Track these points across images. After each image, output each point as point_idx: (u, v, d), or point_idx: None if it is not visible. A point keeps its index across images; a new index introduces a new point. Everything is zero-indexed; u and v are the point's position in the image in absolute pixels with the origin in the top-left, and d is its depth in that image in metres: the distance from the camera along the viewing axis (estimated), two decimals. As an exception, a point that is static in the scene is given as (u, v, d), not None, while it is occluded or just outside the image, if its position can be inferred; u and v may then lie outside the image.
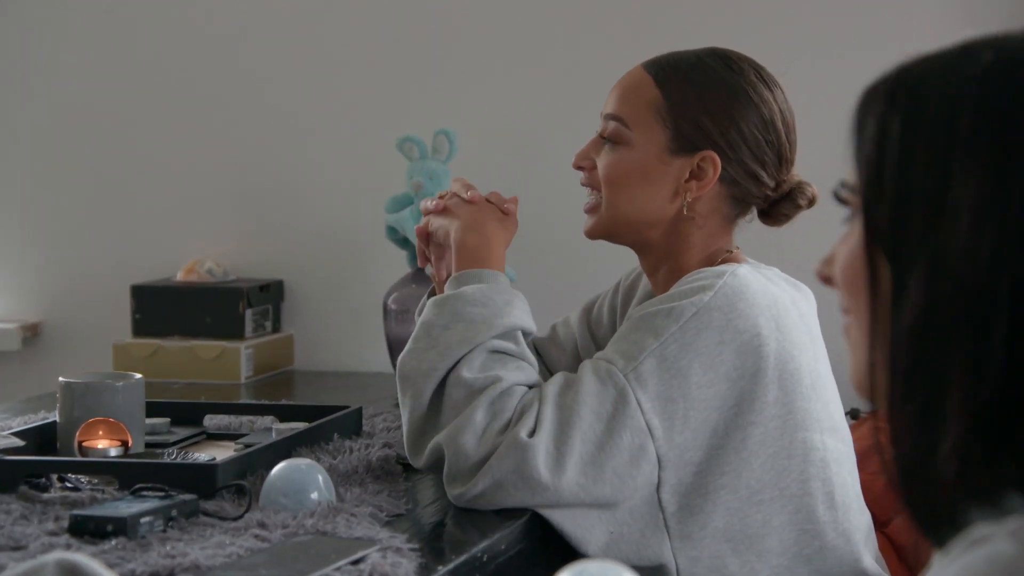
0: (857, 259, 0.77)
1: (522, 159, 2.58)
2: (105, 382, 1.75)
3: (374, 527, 1.40)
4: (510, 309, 1.62)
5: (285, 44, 2.69)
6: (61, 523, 1.39)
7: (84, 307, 2.77)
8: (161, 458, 1.67)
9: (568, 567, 0.91)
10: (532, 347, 1.84)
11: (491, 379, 1.54)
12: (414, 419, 1.57)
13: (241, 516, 1.41)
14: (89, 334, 2.75)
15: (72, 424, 1.69)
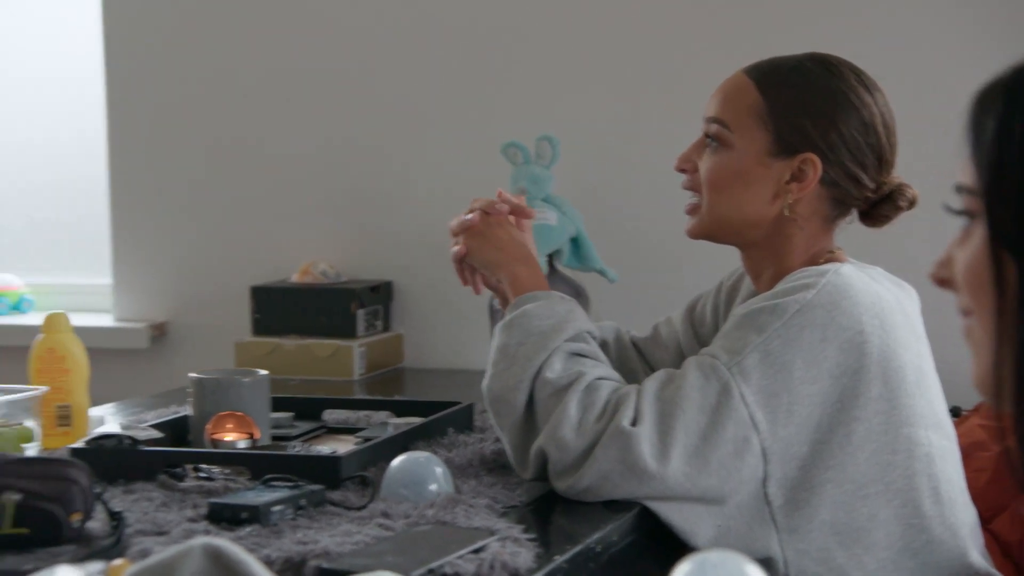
0: (981, 260, 0.76)
1: (622, 163, 2.58)
2: (233, 378, 1.79)
3: (491, 518, 1.41)
4: (573, 316, 1.64)
5: (393, 53, 2.71)
6: (199, 510, 1.42)
7: (207, 308, 2.81)
8: (287, 450, 1.70)
9: (690, 557, 0.91)
10: (631, 346, 1.86)
11: (575, 375, 1.55)
12: (513, 434, 1.58)
13: (365, 506, 1.44)
14: (212, 333, 2.79)
15: (203, 417, 1.72)
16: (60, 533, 1.30)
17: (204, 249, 2.84)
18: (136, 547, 1.29)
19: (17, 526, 1.29)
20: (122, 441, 1.62)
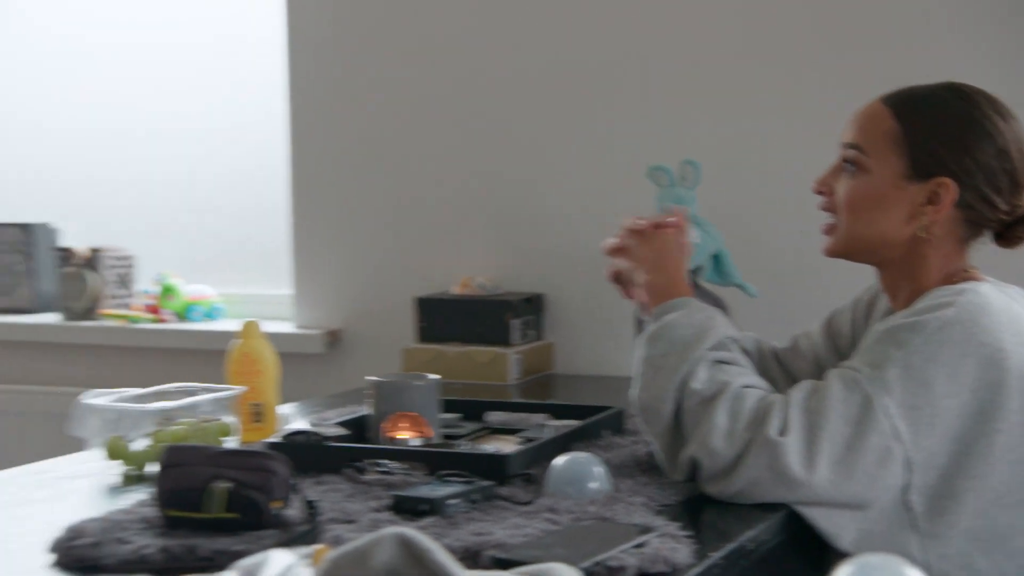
0: None
1: (761, 184, 2.55)
2: (407, 381, 1.81)
3: (648, 515, 1.40)
4: (712, 323, 1.61)
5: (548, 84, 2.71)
6: (382, 501, 1.44)
7: (377, 317, 2.85)
8: (457, 448, 1.71)
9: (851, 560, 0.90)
10: (771, 356, 1.83)
11: (721, 385, 1.53)
12: (663, 441, 1.57)
13: (532, 501, 1.44)
14: (381, 340, 2.82)
15: (380, 417, 1.74)
16: (263, 519, 1.32)
17: (374, 263, 2.87)
18: (329, 533, 1.31)
19: (227, 511, 1.31)
20: (312, 437, 1.65)
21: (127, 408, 1.72)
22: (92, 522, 1.33)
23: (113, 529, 1.31)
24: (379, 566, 1.07)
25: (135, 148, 3.23)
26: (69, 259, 3.05)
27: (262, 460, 1.36)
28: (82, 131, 3.28)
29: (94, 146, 3.27)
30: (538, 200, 2.74)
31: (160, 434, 1.68)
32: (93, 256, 3.03)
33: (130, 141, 3.23)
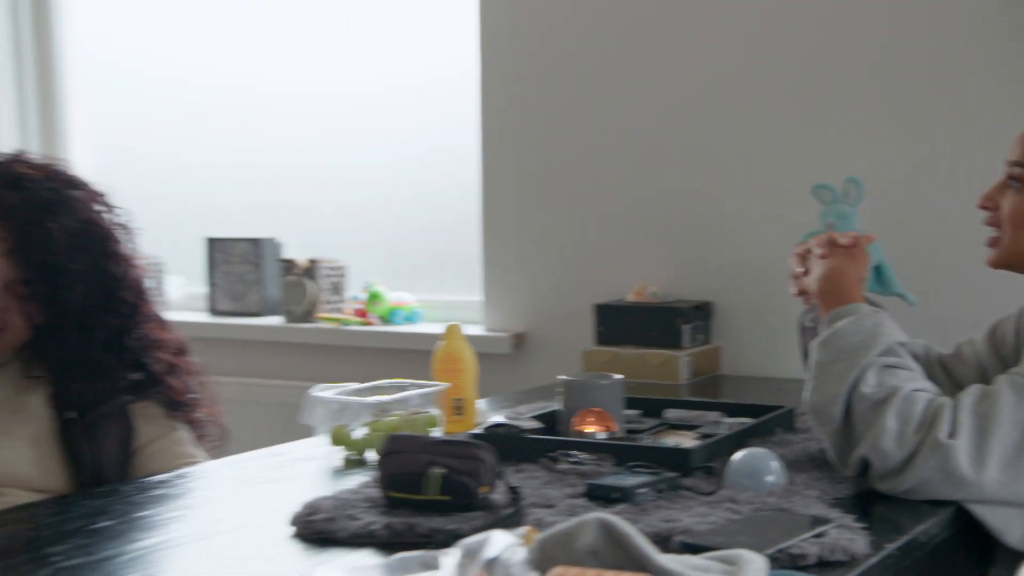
0: None
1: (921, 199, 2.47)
2: (594, 380, 1.81)
3: (823, 507, 1.38)
4: (880, 329, 1.56)
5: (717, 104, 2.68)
6: (576, 489, 1.45)
7: (558, 321, 2.86)
8: (640, 442, 1.71)
9: None
10: (937, 362, 1.78)
11: (890, 389, 1.48)
12: (834, 440, 1.54)
13: (714, 492, 1.43)
14: (562, 342, 2.83)
15: (570, 412, 1.75)
16: (472, 501, 1.35)
17: (556, 273, 2.89)
18: (531, 516, 1.33)
19: (441, 494, 1.34)
20: (511, 430, 1.67)
21: (349, 400, 1.77)
22: (325, 500, 1.38)
23: (343, 507, 1.35)
24: (583, 547, 1.08)
25: (347, 172, 3.30)
26: (291, 269, 3.12)
27: (472, 449, 1.38)
28: (302, 158, 3.36)
29: (312, 171, 3.35)
30: (707, 215, 2.72)
31: (376, 424, 1.72)
32: (311, 266, 3.11)
33: (343, 166, 3.31)
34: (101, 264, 1.69)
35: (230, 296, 3.25)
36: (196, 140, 3.50)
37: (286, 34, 3.39)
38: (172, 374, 1.81)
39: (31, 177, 1.66)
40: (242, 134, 3.45)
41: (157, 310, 1.81)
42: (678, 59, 2.72)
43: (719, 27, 2.68)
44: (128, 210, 1.75)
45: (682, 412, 1.95)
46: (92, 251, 1.67)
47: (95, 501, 1.46)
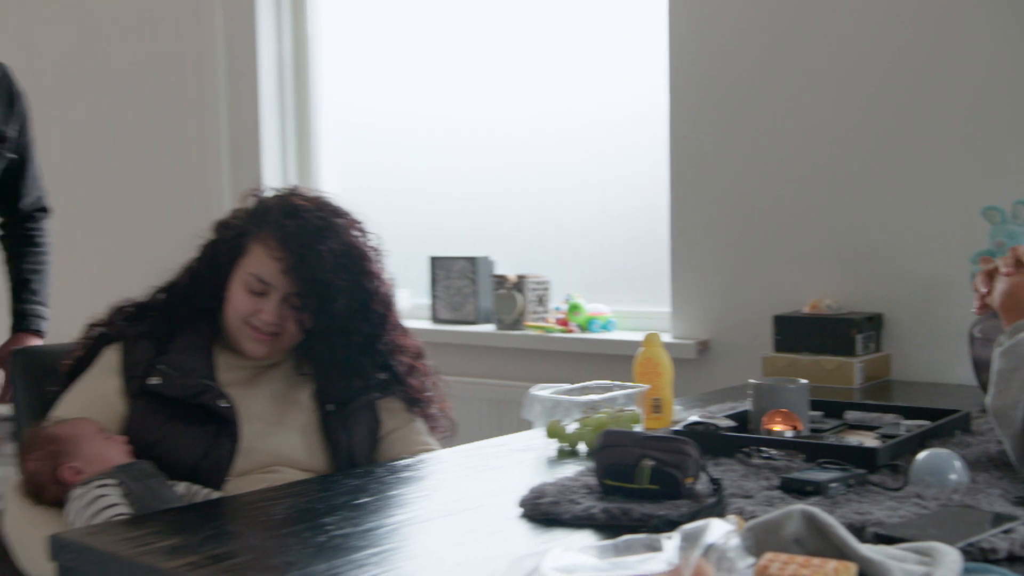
0: None
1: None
2: (782, 384, 1.77)
3: (1007, 505, 1.30)
4: None
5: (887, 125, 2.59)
6: (771, 482, 1.41)
7: (740, 329, 2.81)
8: (831, 440, 1.66)
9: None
10: None
11: None
12: (1015, 442, 1.45)
13: (900, 488, 1.38)
14: (742, 349, 2.78)
15: (759, 412, 1.72)
16: (679, 491, 1.34)
17: (738, 286, 2.84)
18: (732, 506, 1.31)
19: (651, 483, 1.34)
20: (708, 427, 1.65)
21: (563, 398, 1.79)
22: (549, 485, 1.39)
23: (565, 492, 1.36)
24: (788, 535, 1.06)
25: (551, 197, 3.33)
26: (503, 283, 3.17)
27: (679, 444, 1.37)
28: (512, 186, 3.41)
29: (521, 197, 3.39)
30: (878, 234, 2.63)
31: (586, 419, 1.73)
32: (520, 281, 3.15)
33: (548, 192, 3.34)
34: (359, 280, 1.75)
35: (450, 307, 3.32)
36: (421, 173, 3.60)
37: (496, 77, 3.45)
38: (412, 375, 1.86)
39: (305, 208, 1.74)
40: (460, 167, 3.53)
41: (401, 320, 1.87)
42: (851, 87, 2.64)
43: (890, 55, 2.58)
44: (379, 235, 1.81)
45: (861, 414, 1.89)
46: (352, 269, 1.74)
47: (355, 480, 1.51)
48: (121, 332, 1.77)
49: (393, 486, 1.49)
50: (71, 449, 1.60)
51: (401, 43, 3.66)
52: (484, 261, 3.29)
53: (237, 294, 1.73)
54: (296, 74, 3.78)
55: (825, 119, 2.69)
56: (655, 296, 3.09)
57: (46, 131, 2.51)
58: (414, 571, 1.14)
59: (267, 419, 1.74)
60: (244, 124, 3.78)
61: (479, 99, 3.49)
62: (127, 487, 1.54)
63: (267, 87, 3.74)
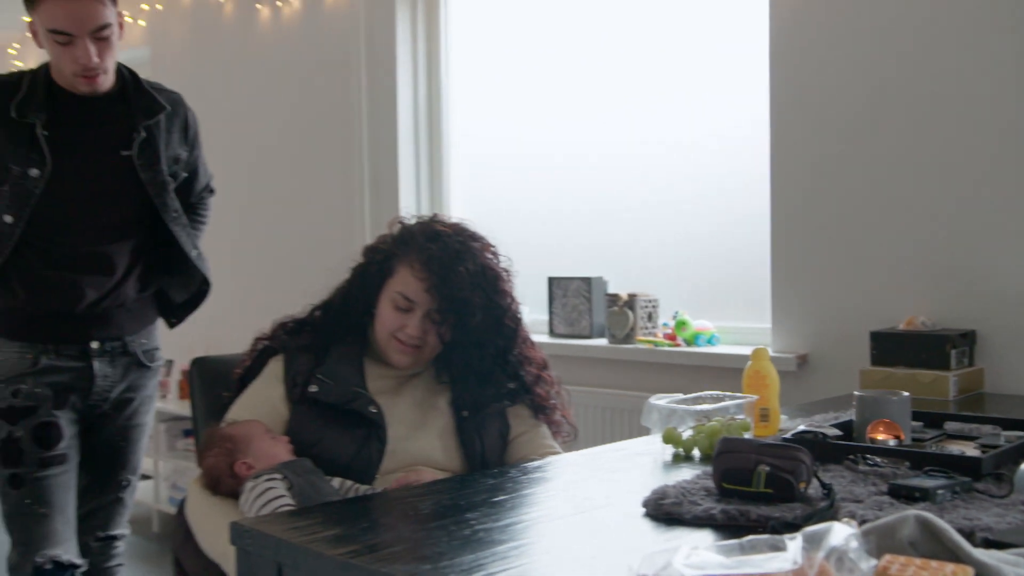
0: None
1: None
2: (885, 396, 1.72)
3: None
4: None
5: (978, 151, 2.50)
6: (879, 487, 1.37)
7: (837, 344, 2.74)
8: (935, 449, 1.60)
9: None
10: None
11: None
12: None
13: (1006, 496, 1.32)
14: (840, 362, 2.71)
15: (864, 422, 1.67)
16: (793, 495, 1.31)
17: (836, 303, 2.77)
18: (844, 510, 1.26)
19: (766, 487, 1.31)
20: (817, 436, 1.61)
21: (678, 407, 1.76)
22: (670, 487, 1.37)
23: (686, 493, 1.34)
24: (904, 539, 1.03)
25: (658, 221, 3.31)
26: (615, 301, 3.16)
27: (792, 451, 1.34)
28: (623, 212, 3.40)
29: (630, 222, 3.38)
30: (972, 252, 2.53)
31: (700, 427, 1.71)
32: (630, 299, 3.13)
33: (654, 216, 3.32)
34: (492, 298, 1.76)
35: (566, 322, 3.32)
36: (538, 199, 3.62)
37: (604, 107, 3.44)
38: (538, 384, 1.86)
39: (445, 233, 1.76)
40: (573, 193, 3.53)
41: (529, 334, 1.88)
42: (949, 108, 2.55)
43: (986, 78, 2.49)
44: (509, 257, 1.82)
45: (960, 425, 1.82)
46: (487, 288, 1.75)
47: (491, 480, 1.52)
48: (284, 345, 1.82)
49: (526, 485, 1.49)
50: (244, 447, 1.65)
51: (517, 81, 3.70)
52: (598, 281, 3.28)
53: (385, 311, 1.76)
54: (429, 116, 3.85)
55: (922, 140, 2.60)
56: (756, 313, 3.03)
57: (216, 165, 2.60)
58: (551, 564, 1.14)
59: (410, 423, 1.77)
60: (383, 160, 3.87)
61: (587, 133, 3.48)
62: (291, 481, 1.58)
63: (404, 128, 3.82)
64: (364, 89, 3.89)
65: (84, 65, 2.05)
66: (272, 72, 4.33)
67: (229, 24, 4.51)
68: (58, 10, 2.00)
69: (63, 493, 2.18)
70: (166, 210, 2.21)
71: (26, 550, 2.14)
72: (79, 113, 2.13)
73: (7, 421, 2.14)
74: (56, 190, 2.09)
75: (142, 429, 2.35)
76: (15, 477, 2.14)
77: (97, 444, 2.29)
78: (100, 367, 2.20)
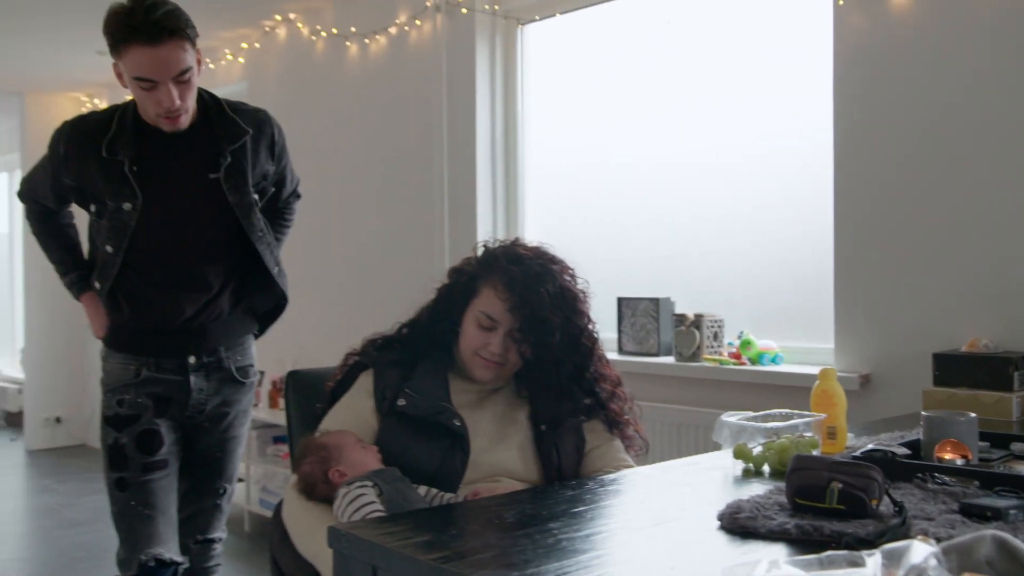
0: None
1: None
2: (953, 417, 1.67)
3: None
4: None
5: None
6: (949, 506, 1.33)
7: (900, 364, 2.68)
8: (996, 470, 1.55)
9: None
10: None
11: None
12: None
13: (1080, 517, 1.27)
14: (903, 383, 2.64)
15: (931, 442, 1.63)
16: (865, 511, 1.28)
17: (898, 325, 2.71)
18: (916, 527, 1.23)
19: (839, 504, 1.28)
20: (886, 454, 1.57)
21: (748, 424, 1.74)
22: (744, 502, 1.35)
23: (760, 508, 1.32)
24: (981, 557, 1.00)
25: (723, 244, 3.28)
26: (682, 321, 3.13)
27: (864, 469, 1.31)
28: (690, 236, 3.38)
29: (696, 245, 3.36)
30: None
31: (770, 444, 1.68)
32: (697, 319, 3.10)
33: (719, 239, 3.30)
34: (571, 318, 1.76)
35: (634, 340, 3.30)
36: (607, 222, 3.62)
37: (671, 135, 3.43)
38: (613, 400, 1.86)
39: (527, 256, 1.77)
40: (642, 217, 3.52)
41: (604, 352, 1.87)
42: (1014, 135, 2.48)
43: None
44: (586, 279, 1.82)
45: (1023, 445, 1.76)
46: (565, 309, 1.76)
47: (570, 491, 1.52)
48: (373, 361, 1.85)
49: (604, 497, 1.49)
50: (337, 456, 1.67)
51: (587, 109, 3.71)
52: (666, 302, 3.26)
53: (469, 329, 1.78)
54: (506, 145, 3.88)
55: (987, 162, 2.53)
56: (818, 333, 2.98)
57: (308, 191, 2.64)
58: (633, 574, 1.13)
59: (491, 436, 1.77)
60: (462, 187, 3.90)
61: (655, 160, 3.47)
62: (381, 488, 1.60)
63: (482, 156, 3.85)
64: (445, 120, 3.94)
65: (168, 108, 2.08)
66: (359, 104, 4.41)
67: (320, 60, 4.62)
68: (143, 59, 2.01)
69: (165, 496, 2.23)
70: (252, 230, 2.24)
71: (132, 548, 2.20)
72: (165, 146, 2.17)
73: (113, 428, 2.20)
74: (149, 219, 2.15)
75: (238, 440, 2.40)
76: (121, 480, 2.20)
77: (196, 454, 2.34)
78: (196, 381, 2.25)
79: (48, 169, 2.22)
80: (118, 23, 2.01)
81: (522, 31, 3.82)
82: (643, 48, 3.48)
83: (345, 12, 4.42)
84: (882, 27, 2.71)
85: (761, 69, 3.18)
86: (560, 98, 3.79)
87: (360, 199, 4.42)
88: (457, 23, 3.89)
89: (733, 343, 3.10)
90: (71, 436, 6.90)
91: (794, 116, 3.08)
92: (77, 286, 2.28)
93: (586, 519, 1.34)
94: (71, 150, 2.15)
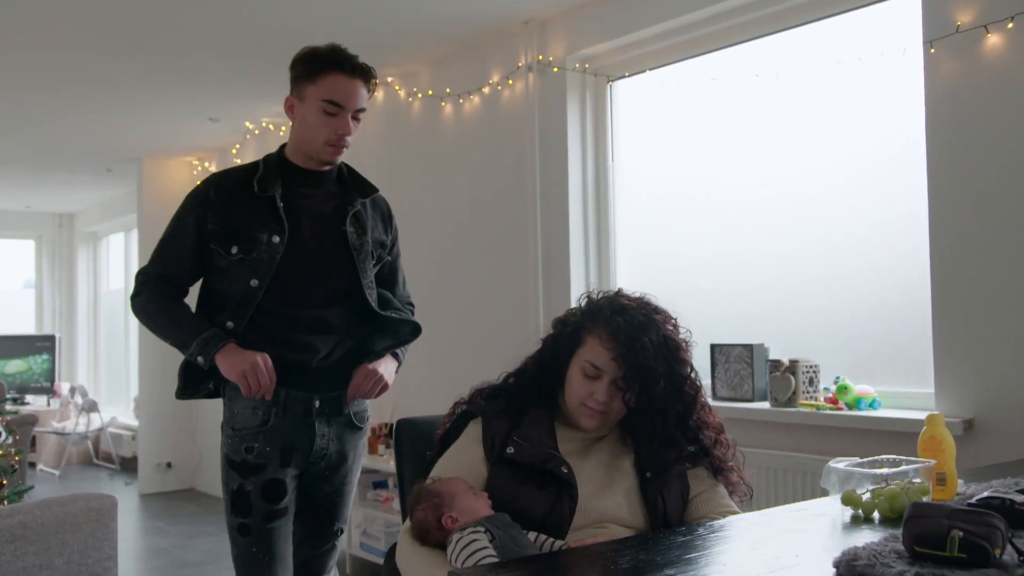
0: None
1: None
2: (1071, 463, 1.61)
3: None
4: None
5: None
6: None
7: (1005, 409, 2.58)
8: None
9: None
10: None
11: None
12: None
13: None
14: (1009, 427, 2.54)
15: (1049, 489, 1.56)
16: (988, 560, 1.23)
17: (1002, 369, 2.61)
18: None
19: (959, 552, 1.24)
20: (1004, 501, 1.51)
21: (857, 470, 1.70)
22: (861, 549, 1.32)
23: (877, 556, 1.29)
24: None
25: (817, 290, 3.23)
26: (777, 367, 3.09)
27: (986, 517, 1.27)
28: (784, 283, 3.34)
29: (790, 292, 3.31)
30: None
31: (879, 490, 1.64)
32: (792, 365, 3.05)
33: (814, 285, 3.24)
34: (674, 367, 1.76)
35: (728, 386, 3.26)
36: (700, 271, 3.60)
37: (762, 184, 3.40)
38: (716, 447, 1.84)
39: (630, 307, 1.79)
40: (734, 265, 3.49)
41: (706, 400, 1.86)
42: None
43: None
44: (689, 329, 1.82)
45: None
46: (669, 358, 1.76)
47: (681, 538, 1.50)
48: (482, 410, 1.87)
49: (714, 544, 1.47)
50: (449, 502, 1.69)
51: (676, 162, 3.71)
52: (760, 348, 3.22)
53: (574, 378, 1.79)
54: (597, 198, 3.91)
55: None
56: (916, 377, 2.89)
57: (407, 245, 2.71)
58: (754, 620, 1.11)
59: (598, 483, 1.77)
60: (555, 240, 3.93)
61: (744, 209, 3.45)
62: (492, 534, 1.61)
63: (574, 210, 3.89)
64: (537, 175, 4.00)
65: (342, 135, 2.25)
66: (455, 161, 4.51)
67: (417, 119, 4.74)
68: (339, 85, 2.21)
69: (283, 544, 2.28)
70: (364, 274, 2.32)
71: (251, 593, 2.25)
72: (307, 187, 2.32)
73: (239, 474, 2.26)
74: (291, 256, 2.25)
75: (353, 485, 2.45)
76: (244, 526, 2.26)
77: (316, 502, 2.39)
78: (319, 427, 2.31)
79: (184, 225, 2.30)
80: (320, 56, 2.22)
81: (612, 87, 3.87)
82: (731, 97, 3.49)
83: (440, 74, 4.54)
84: (974, 73, 2.66)
85: (852, 118, 3.14)
86: (650, 148, 3.81)
87: (458, 253, 4.50)
88: (548, 81, 3.96)
89: (829, 388, 3.03)
90: (180, 480, 7.11)
91: (888, 159, 3.03)
92: (218, 337, 2.22)
93: (701, 566, 1.32)
94: (221, 193, 2.28)
